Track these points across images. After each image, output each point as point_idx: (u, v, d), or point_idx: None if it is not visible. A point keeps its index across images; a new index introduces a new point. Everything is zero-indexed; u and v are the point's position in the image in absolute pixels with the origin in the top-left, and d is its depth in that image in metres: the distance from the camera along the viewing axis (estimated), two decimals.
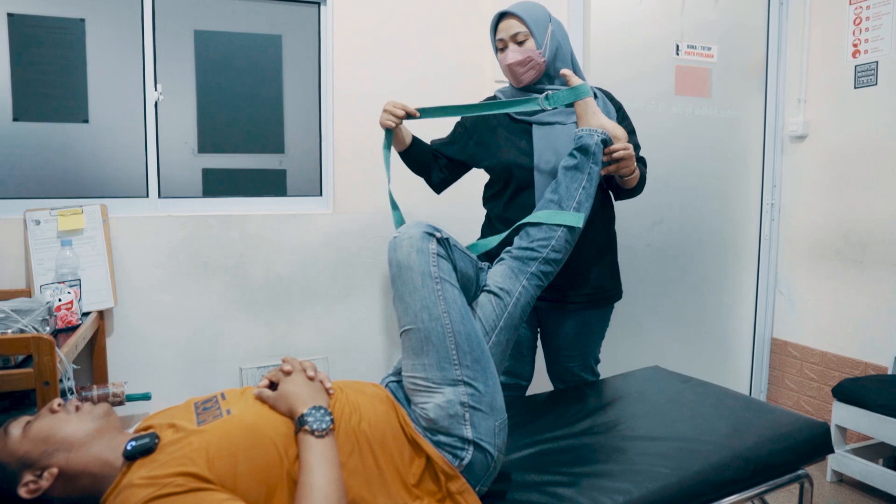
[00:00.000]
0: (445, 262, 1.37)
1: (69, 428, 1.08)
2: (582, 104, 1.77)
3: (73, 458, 1.05)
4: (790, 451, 1.59)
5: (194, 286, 2.35)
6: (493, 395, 1.32)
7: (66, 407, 1.13)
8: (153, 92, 2.33)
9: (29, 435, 1.07)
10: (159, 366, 2.32)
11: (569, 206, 1.67)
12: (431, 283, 1.33)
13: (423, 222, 1.40)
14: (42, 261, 2.13)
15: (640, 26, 2.89)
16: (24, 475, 1.04)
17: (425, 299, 1.32)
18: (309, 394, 1.18)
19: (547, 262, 1.62)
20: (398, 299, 1.36)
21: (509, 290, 1.55)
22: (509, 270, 1.59)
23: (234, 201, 2.47)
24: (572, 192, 1.69)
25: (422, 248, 1.34)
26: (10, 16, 2.17)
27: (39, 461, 1.04)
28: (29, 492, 1.03)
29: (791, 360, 3.16)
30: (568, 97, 1.78)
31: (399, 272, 1.35)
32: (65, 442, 1.06)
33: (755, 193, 3.24)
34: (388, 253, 1.39)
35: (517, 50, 1.83)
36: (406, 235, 1.37)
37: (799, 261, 3.14)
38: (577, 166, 1.71)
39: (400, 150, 1.99)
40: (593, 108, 1.77)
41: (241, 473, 1.04)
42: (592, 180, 1.71)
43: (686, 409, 1.78)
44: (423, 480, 1.23)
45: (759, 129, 3.21)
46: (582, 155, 1.71)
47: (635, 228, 2.98)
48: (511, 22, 1.84)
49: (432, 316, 1.31)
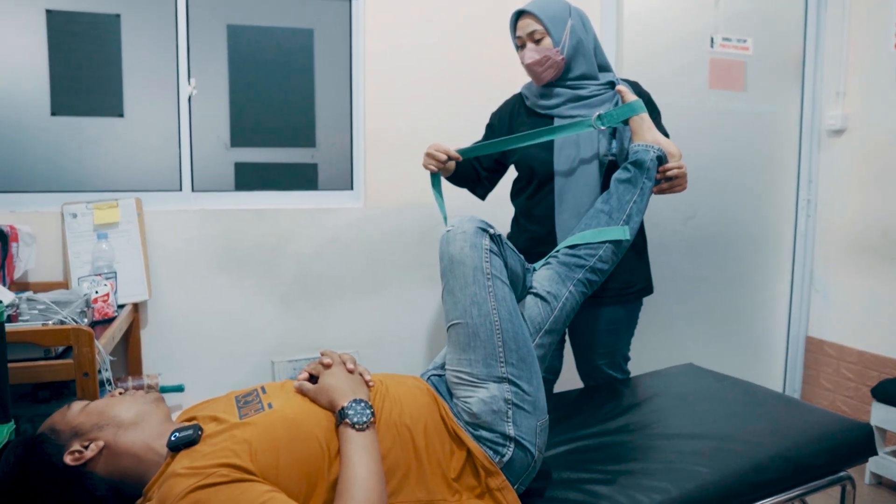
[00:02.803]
0: (497, 259, 1.37)
1: (121, 408, 1.14)
2: (637, 119, 1.77)
3: (120, 435, 1.09)
4: (832, 453, 1.56)
5: (226, 279, 2.37)
6: (536, 394, 1.32)
7: (125, 393, 1.19)
8: (187, 86, 2.35)
9: (87, 410, 1.13)
10: (192, 358, 2.35)
11: (619, 219, 1.68)
12: (483, 278, 1.32)
13: (477, 217, 1.39)
14: (79, 253, 2.16)
15: (675, 19, 2.85)
16: (73, 443, 1.08)
17: (476, 295, 1.32)
18: (349, 387, 1.19)
19: (594, 271, 1.63)
20: (448, 293, 1.36)
21: (556, 295, 1.56)
22: (556, 275, 1.60)
23: (265, 195, 2.48)
24: (624, 204, 1.70)
25: (475, 243, 1.34)
26: (48, 12, 2.20)
27: (89, 433, 1.09)
28: (73, 459, 1.07)
29: (827, 359, 3.10)
30: (622, 115, 1.76)
31: (451, 266, 1.35)
32: (115, 419, 1.11)
33: (790, 189, 3.17)
34: (440, 246, 1.39)
35: (534, 49, 1.82)
36: (460, 230, 1.36)
37: (835, 258, 3.07)
38: (631, 180, 1.71)
39: (446, 176, 2.01)
40: (648, 124, 1.77)
41: (283, 466, 1.04)
42: (644, 195, 1.72)
43: (723, 407, 1.75)
44: (462, 475, 1.23)
45: (795, 124, 3.14)
46: (636, 169, 1.72)
47: (668, 223, 2.94)
48: (527, 20, 1.83)
49: (481, 312, 1.31)
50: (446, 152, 1.86)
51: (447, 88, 2.56)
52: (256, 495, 0.96)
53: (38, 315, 1.62)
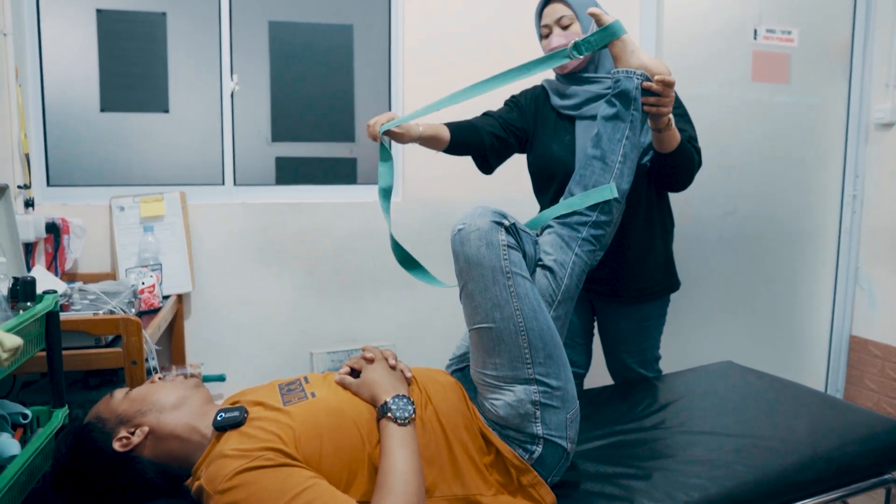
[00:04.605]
0: (516, 253, 1.29)
1: (162, 393, 1.18)
2: (618, 44, 1.54)
3: (163, 419, 1.13)
4: (876, 454, 1.52)
5: (267, 272, 2.42)
6: (565, 387, 1.29)
7: (164, 378, 1.23)
8: (229, 82, 2.40)
9: (129, 397, 1.18)
10: (233, 348, 2.41)
11: (614, 162, 1.53)
12: (503, 278, 1.25)
13: (489, 208, 1.30)
14: (126, 245, 2.23)
15: (717, 10, 2.80)
16: (119, 430, 1.12)
17: (497, 297, 1.25)
18: (391, 382, 1.21)
19: (597, 224, 1.51)
20: (466, 296, 1.29)
21: (563, 262, 1.46)
22: (559, 240, 1.49)
23: (305, 189, 2.53)
24: (615, 144, 1.53)
25: (491, 240, 1.26)
26: (98, 11, 2.27)
27: (133, 419, 1.13)
28: (122, 445, 1.11)
29: (872, 359, 3.02)
30: (600, 40, 1.55)
31: (468, 268, 1.27)
32: (157, 404, 1.15)
33: (836, 184, 3.10)
34: (453, 245, 1.30)
35: (562, 34, 1.78)
36: (473, 227, 1.27)
37: (882, 255, 2.99)
38: (618, 115, 1.53)
39: (442, 149, 1.87)
40: (632, 47, 1.55)
41: (325, 455, 1.07)
42: (636, 128, 1.54)
43: (763, 406, 1.72)
44: (494, 472, 1.24)
45: (841, 117, 3.06)
46: (621, 102, 1.53)
47: (707, 218, 2.90)
48: (556, 6, 1.79)
49: (504, 315, 1.25)
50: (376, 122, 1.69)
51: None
52: (301, 480, 0.99)
53: (89, 305, 1.68)
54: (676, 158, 1.70)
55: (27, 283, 1.27)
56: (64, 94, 2.27)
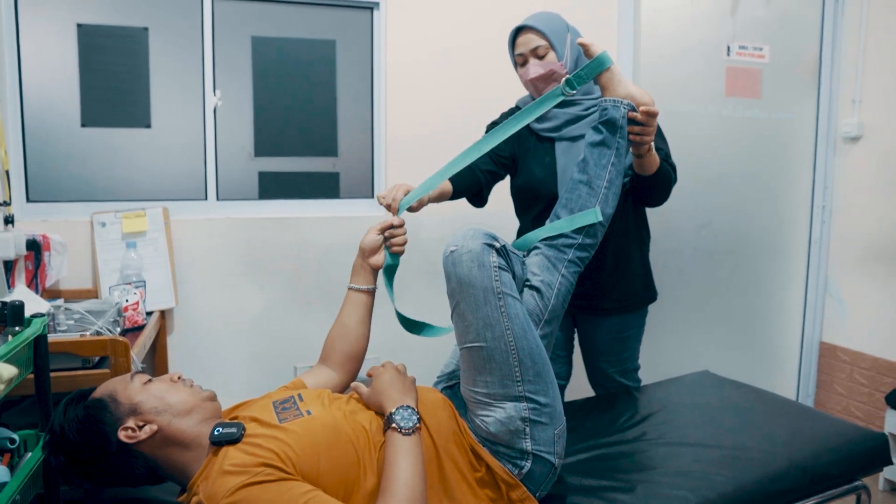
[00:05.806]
0: (506, 274, 1.32)
1: (179, 396, 1.17)
2: (606, 74, 1.61)
3: (174, 423, 1.14)
4: (848, 462, 1.59)
5: (250, 286, 2.43)
6: (553, 403, 1.33)
7: (184, 381, 1.22)
8: (212, 97, 2.41)
9: (147, 389, 1.17)
10: (217, 363, 2.41)
11: (599, 187, 1.59)
12: (494, 299, 1.28)
13: (480, 230, 1.33)
14: (108, 261, 2.22)
15: (692, 28, 2.87)
16: (128, 419, 1.12)
17: (488, 317, 1.28)
18: (398, 392, 1.25)
19: (583, 247, 1.58)
20: (458, 315, 1.32)
21: (550, 283, 1.52)
22: (546, 261, 1.55)
23: (288, 204, 2.53)
24: (601, 170, 1.59)
25: (483, 262, 1.29)
26: (79, 26, 2.25)
27: (146, 414, 1.13)
28: (127, 437, 1.11)
29: (841, 364, 3.11)
30: (590, 73, 1.60)
31: (460, 288, 1.30)
32: (172, 407, 1.15)
33: (805, 196, 3.19)
34: (445, 266, 1.32)
35: (538, 64, 1.78)
36: (465, 249, 1.30)
37: (850, 264, 3.08)
38: (605, 142, 1.59)
39: (446, 199, 1.88)
40: (618, 77, 1.61)
41: (323, 472, 1.09)
42: (621, 155, 1.60)
43: (740, 416, 1.78)
44: (484, 488, 1.27)
45: (810, 131, 3.15)
46: (608, 130, 1.59)
47: (682, 231, 2.97)
48: (530, 36, 1.78)
49: (495, 334, 1.28)
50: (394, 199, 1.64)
51: (467, 97, 2.60)
52: (301, 493, 1.01)
53: (74, 325, 1.67)
54: (657, 177, 1.75)
55: (16, 307, 1.27)
56: (44, 109, 2.26)
